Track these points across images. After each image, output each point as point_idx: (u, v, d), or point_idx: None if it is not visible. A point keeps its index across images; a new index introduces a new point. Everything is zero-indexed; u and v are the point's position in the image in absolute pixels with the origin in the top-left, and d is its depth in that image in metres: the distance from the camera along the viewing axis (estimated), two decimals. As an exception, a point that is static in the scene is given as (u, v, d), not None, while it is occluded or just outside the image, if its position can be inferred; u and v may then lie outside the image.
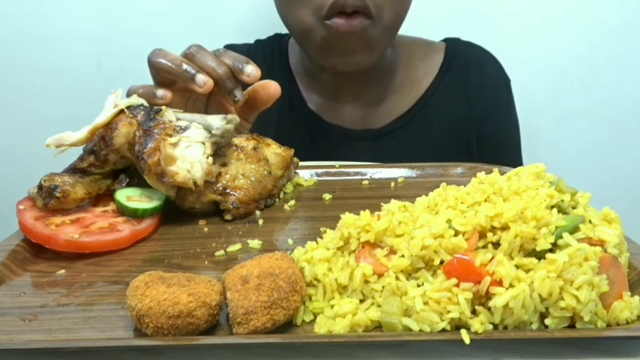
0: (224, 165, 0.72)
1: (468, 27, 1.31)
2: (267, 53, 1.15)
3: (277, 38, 1.17)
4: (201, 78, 0.73)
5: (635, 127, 1.41)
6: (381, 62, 1.05)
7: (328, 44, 0.92)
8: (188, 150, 0.69)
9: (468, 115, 1.09)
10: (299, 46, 1.03)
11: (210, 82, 0.74)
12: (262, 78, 0.77)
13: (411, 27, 1.03)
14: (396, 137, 1.07)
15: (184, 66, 0.74)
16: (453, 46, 1.13)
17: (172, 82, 0.78)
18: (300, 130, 1.08)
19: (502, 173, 0.60)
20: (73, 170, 0.71)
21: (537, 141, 1.39)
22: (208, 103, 0.84)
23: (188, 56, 0.76)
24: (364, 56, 0.94)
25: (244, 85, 0.78)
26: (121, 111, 0.71)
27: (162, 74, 0.77)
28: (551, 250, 0.48)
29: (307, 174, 0.82)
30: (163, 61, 0.75)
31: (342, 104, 1.09)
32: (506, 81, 1.14)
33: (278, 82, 0.81)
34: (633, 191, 1.44)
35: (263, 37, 1.19)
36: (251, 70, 0.76)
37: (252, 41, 1.19)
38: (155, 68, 0.77)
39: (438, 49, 1.13)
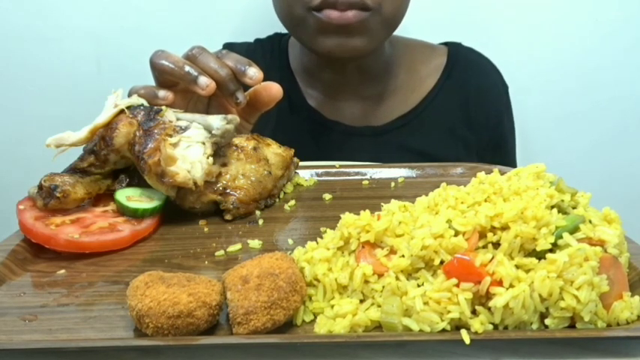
0: (224, 165, 0.72)
1: (467, 25, 1.32)
2: (267, 52, 1.15)
3: (277, 37, 1.17)
4: (203, 80, 0.73)
5: (635, 127, 1.41)
6: (379, 60, 1.06)
7: (322, 29, 0.91)
8: (188, 150, 0.69)
9: (469, 118, 1.10)
10: (293, 36, 1.03)
11: (213, 85, 0.73)
12: (264, 78, 0.77)
13: (408, 29, 1.03)
14: (398, 135, 1.08)
15: (187, 68, 0.74)
16: (455, 51, 1.14)
17: (174, 84, 0.78)
18: (301, 126, 1.09)
19: (502, 173, 0.60)
20: (73, 170, 0.71)
21: (537, 141, 1.39)
22: (210, 104, 0.84)
23: (190, 58, 0.76)
24: (361, 41, 0.93)
25: (246, 87, 0.78)
26: (121, 111, 0.71)
27: (165, 76, 0.77)
28: (551, 250, 0.48)
29: (307, 174, 0.82)
30: (165, 63, 0.75)
31: (342, 101, 1.09)
32: (505, 88, 1.17)
33: (278, 80, 0.81)
34: (633, 191, 1.44)
35: (263, 37, 1.19)
36: (253, 72, 0.75)
37: (252, 41, 1.19)
38: (157, 70, 0.77)
39: (440, 53, 1.14)
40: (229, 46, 1.15)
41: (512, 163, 1.15)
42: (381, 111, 1.09)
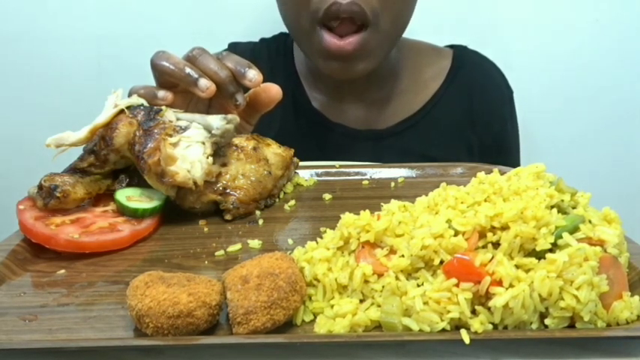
0: (224, 165, 0.72)
1: (466, 24, 1.31)
2: (272, 52, 1.15)
3: (282, 37, 1.17)
4: (203, 83, 0.73)
5: (635, 128, 1.41)
6: (384, 64, 1.05)
7: (324, 51, 0.92)
8: (188, 150, 0.69)
9: (472, 122, 1.10)
10: (299, 48, 1.03)
11: (213, 87, 0.73)
12: (267, 77, 0.77)
13: (413, 31, 1.03)
14: (401, 139, 1.07)
15: (187, 70, 0.74)
16: (461, 54, 1.13)
17: (175, 84, 0.78)
18: (304, 128, 1.09)
19: (502, 173, 0.60)
20: (73, 170, 0.71)
21: (537, 141, 1.39)
22: (210, 105, 0.83)
23: (190, 59, 0.76)
24: (362, 65, 0.94)
25: (245, 88, 0.78)
26: (121, 111, 0.71)
27: (165, 77, 0.77)
28: (551, 250, 0.48)
29: (307, 174, 0.82)
30: (166, 64, 0.75)
31: (346, 104, 1.09)
32: (510, 93, 1.16)
33: (282, 80, 0.81)
34: (633, 191, 1.44)
35: (268, 36, 1.19)
36: (253, 74, 0.75)
37: (257, 40, 1.19)
38: (158, 71, 0.77)
39: (445, 55, 1.13)
40: (234, 46, 1.15)
41: (516, 167, 1.14)
42: (385, 114, 1.09)
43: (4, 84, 1.39)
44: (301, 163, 0.82)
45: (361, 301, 0.50)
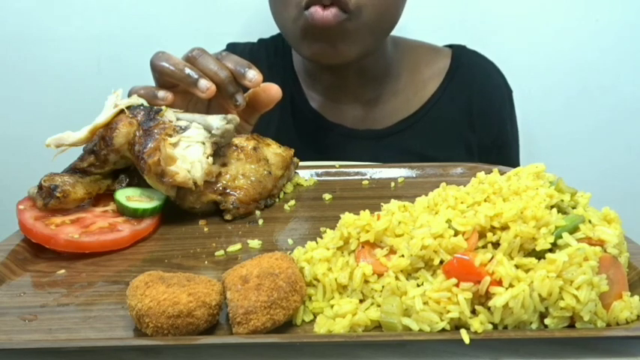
0: (224, 165, 0.72)
1: (465, 24, 1.32)
2: (270, 52, 1.15)
3: (280, 38, 1.17)
4: (204, 84, 0.73)
5: (635, 127, 1.41)
6: (380, 62, 1.05)
7: (306, 33, 0.91)
8: (188, 150, 0.69)
9: (472, 121, 1.10)
10: (285, 39, 1.03)
11: (213, 88, 0.73)
12: (265, 77, 0.77)
13: (411, 31, 1.03)
14: (399, 139, 1.07)
15: (187, 70, 0.74)
16: (460, 53, 1.13)
17: (174, 85, 0.78)
18: (302, 128, 1.09)
19: (502, 173, 0.60)
20: (73, 170, 0.71)
21: (537, 141, 1.39)
22: (210, 105, 0.84)
23: (190, 59, 0.76)
24: (344, 47, 0.92)
25: (245, 88, 0.78)
26: (121, 111, 0.71)
27: (165, 77, 0.77)
28: (550, 250, 0.48)
29: (307, 174, 0.82)
30: (166, 65, 0.75)
31: (344, 104, 1.09)
32: (509, 93, 1.16)
33: (280, 80, 0.81)
34: (633, 191, 1.44)
35: (267, 37, 1.19)
36: (253, 75, 0.75)
37: (255, 41, 1.19)
38: (158, 71, 0.77)
39: (444, 55, 1.13)
40: (232, 47, 1.15)
41: (515, 167, 1.13)
42: (383, 114, 1.09)
43: (4, 84, 1.39)
44: (301, 163, 0.82)
45: (361, 301, 0.50)
